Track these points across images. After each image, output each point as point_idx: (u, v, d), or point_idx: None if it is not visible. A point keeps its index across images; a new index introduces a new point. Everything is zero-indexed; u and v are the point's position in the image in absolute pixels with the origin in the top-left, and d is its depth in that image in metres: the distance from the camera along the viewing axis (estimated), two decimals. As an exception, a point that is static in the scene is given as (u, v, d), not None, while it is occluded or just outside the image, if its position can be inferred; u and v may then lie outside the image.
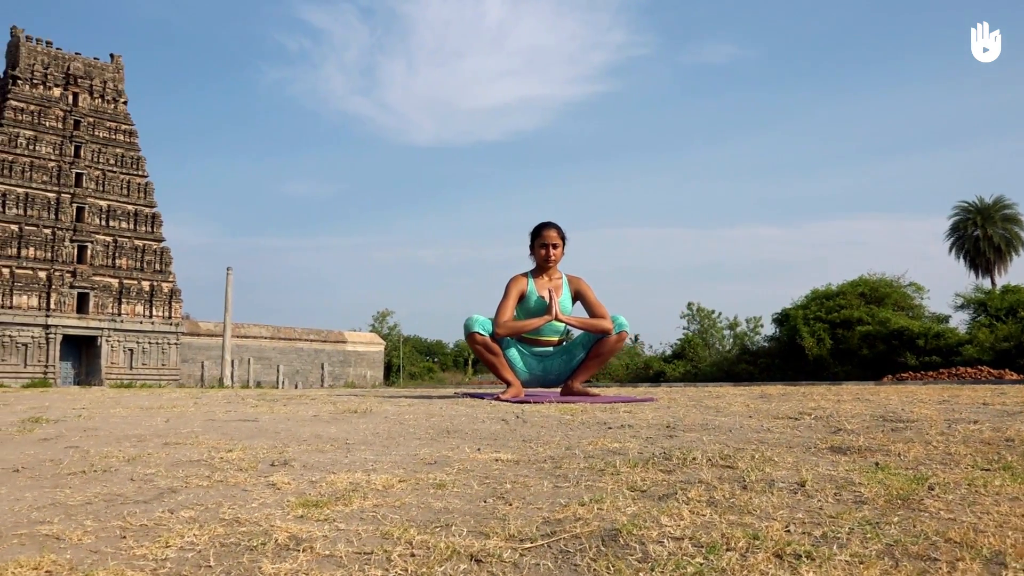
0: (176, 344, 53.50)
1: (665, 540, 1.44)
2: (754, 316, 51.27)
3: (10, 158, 49.14)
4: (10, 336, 47.33)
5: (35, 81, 51.70)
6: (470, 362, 78.99)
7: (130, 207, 53.23)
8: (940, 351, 29.59)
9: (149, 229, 53.93)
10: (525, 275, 5.14)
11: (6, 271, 47.76)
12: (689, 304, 53.82)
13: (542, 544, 1.44)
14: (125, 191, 53.15)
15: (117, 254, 51.84)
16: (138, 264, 52.65)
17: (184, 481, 1.97)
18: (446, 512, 1.66)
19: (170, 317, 53.41)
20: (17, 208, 48.94)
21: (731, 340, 50.11)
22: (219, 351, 44.77)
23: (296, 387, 50.20)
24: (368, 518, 1.61)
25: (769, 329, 42.88)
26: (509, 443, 2.63)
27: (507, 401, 4.47)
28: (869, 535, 1.46)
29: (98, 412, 4.06)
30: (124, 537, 1.48)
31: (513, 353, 5.03)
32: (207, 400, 5.20)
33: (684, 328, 51.71)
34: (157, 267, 53.58)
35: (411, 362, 69.96)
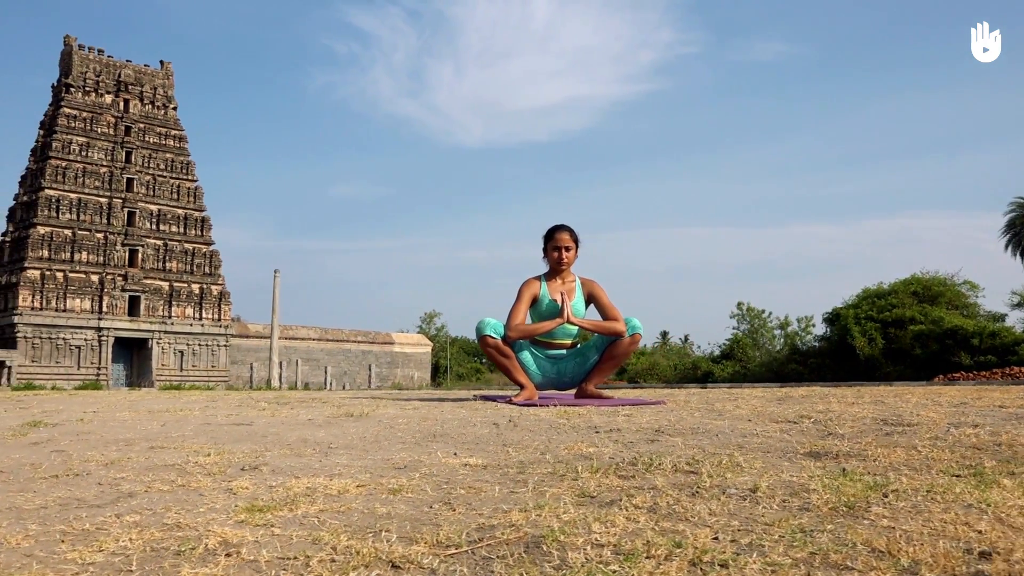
0: (225, 346, 54.40)
1: (588, 547, 1.43)
2: (805, 316, 50.61)
3: (64, 164, 50.39)
4: (64, 339, 48.54)
5: (87, 88, 52.94)
6: (515, 362, 79.17)
7: (180, 211, 54.24)
8: (995, 350, 28.94)
9: (198, 232, 54.90)
10: (538, 278, 5.14)
11: (60, 275, 48.97)
12: (739, 304, 53.25)
13: (466, 551, 1.44)
14: (175, 195, 54.18)
15: (167, 257, 52.87)
16: (188, 267, 53.64)
17: (147, 485, 2.01)
18: (387, 518, 1.67)
19: (219, 319, 54.32)
20: (71, 213, 50.16)
21: (782, 340, 49.52)
22: (268, 353, 45.41)
23: (344, 388, 50.74)
24: (308, 523, 1.63)
25: (820, 329, 42.32)
26: (488, 447, 2.63)
27: (519, 404, 4.47)
28: (796, 543, 1.44)
29: (104, 415, 4.16)
30: (62, 541, 1.51)
31: (526, 356, 5.04)
32: (220, 403, 5.29)
33: (734, 328, 51.22)
34: (206, 270, 54.52)
35: (458, 363, 70.25)
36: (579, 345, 5.18)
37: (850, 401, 4.64)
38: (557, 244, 5.07)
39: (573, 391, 5.17)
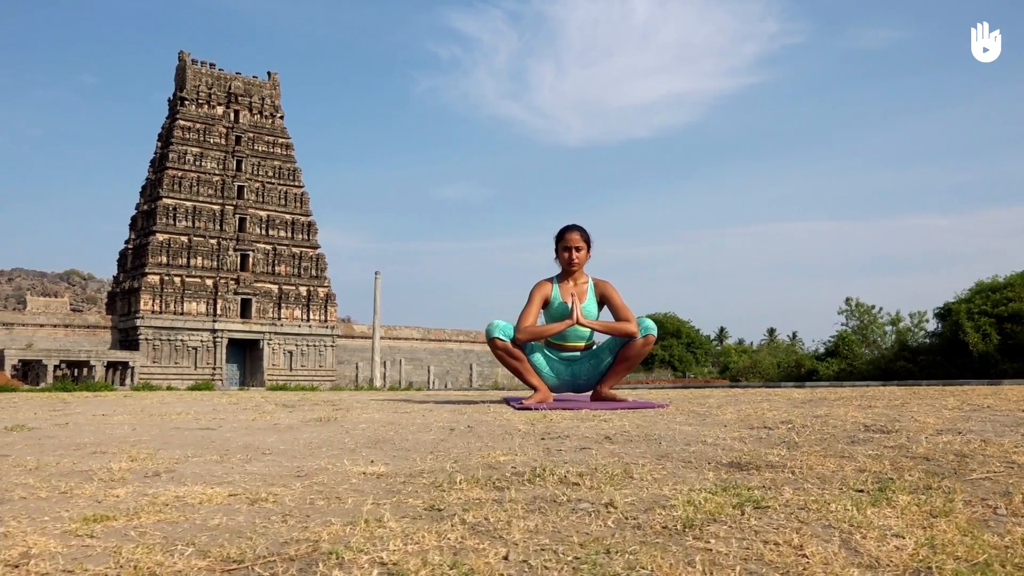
0: (332, 346, 55.93)
1: (366, 565, 1.39)
2: (918, 311, 48.43)
3: (179, 174, 52.78)
4: (182, 340, 50.86)
5: (200, 101, 55.29)
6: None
7: (288, 216, 56.06)
8: (1124, 346, 27.01)
9: (305, 237, 56.62)
10: (550, 280, 5.06)
11: (177, 280, 51.33)
12: (847, 299, 51.32)
13: (246, 567, 1.42)
14: (283, 201, 56.02)
15: (276, 261, 54.72)
16: (296, 270, 55.39)
17: (32, 491, 2.06)
18: (211, 530, 1.66)
19: (326, 320, 55.90)
20: (186, 221, 52.50)
21: (893, 337, 47.57)
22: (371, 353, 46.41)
23: (446, 387, 51.41)
24: (128, 535, 1.63)
25: (933, 324, 40.37)
26: (412, 455, 2.60)
27: (530, 408, 4.41)
28: (584, 565, 1.36)
29: (97, 418, 4.31)
30: None
31: (538, 358, 4.96)
32: (224, 405, 5.42)
33: (842, 325, 49.45)
34: (313, 273, 56.18)
35: (559, 361, 70.16)
36: (594, 347, 5.08)
37: (866, 404, 4.41)
38: (567, 244, 4.98)
39: (589, 393, 5.07)
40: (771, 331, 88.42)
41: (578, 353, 5.04)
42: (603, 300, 5.01)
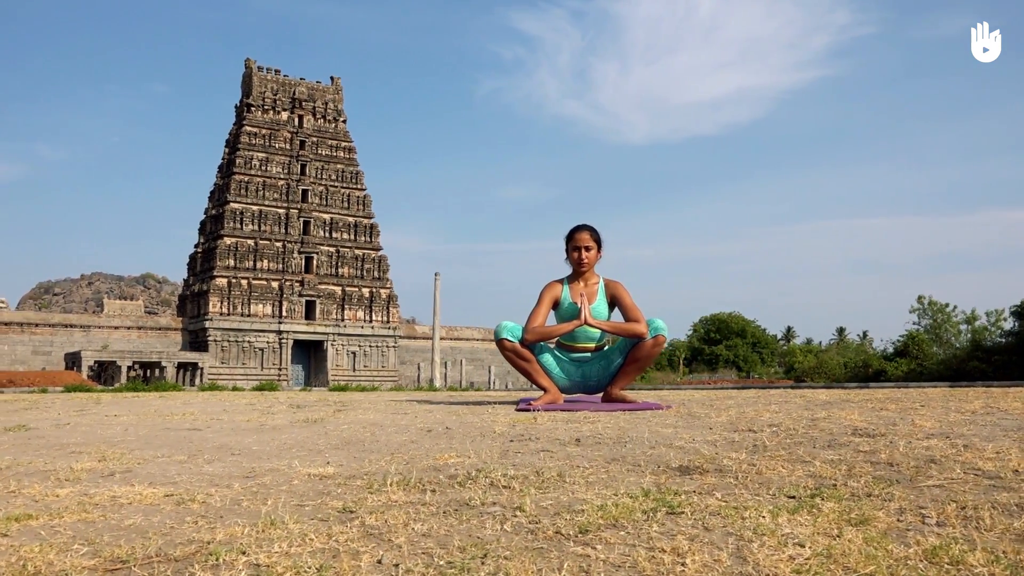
0: (394, 347, 56.52)
1: (238, 566, 1.40)
2: (995, 309, 46.85)
3: (246, 179, 53.93)
4: (248, 341, 51.96)
5: (265, 107, 56.43)
6: (681, 361, 77.68)
7: (350, 219, 56.85)
8: None
9: (367, 239, 57.34)
10: (560, 281, 5.02)
11: (244, 282, 52.45)
12: (919, 297, 49.97)
13: (128, 567, 1.44)
14: (346, 204, 56.83)
15: (340, 263, 55.53)
16: (358, 272, 56.14)
17: (-17, 490, 2.13)
18: (120, 530, 1.68)
19: (388, 321, 56.52)
20: (253, 224, 53.62)
21: (968, 336, 46.10)
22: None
23: (506, 387, 51.49)
24: (39, 535, 1.66)
25: (1011, 323, 39.02)
26: (371, 456, 2.61)
27: (539, 409, 4.38)
28: (449, 569, 1.35)
29: (105, 418, 4.42)
30: None
31: (548, 359, 4.93)
32: (239, 406, 5.50)
33: (914, 324, 48.13)
34: (375, 274, 56.87)
35: (622, 362, 69.59)
36: (605, 348, 5.03)
37: (879, 407, 4.28)
38: (577, 244, 4.93)
39: (601, 395, 5.02)
40: (840, 330, 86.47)
41: (589, 354, 4.99)
42: (614, 301, 4.95)
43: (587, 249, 4.93)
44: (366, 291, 56.21)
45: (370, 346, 55.72)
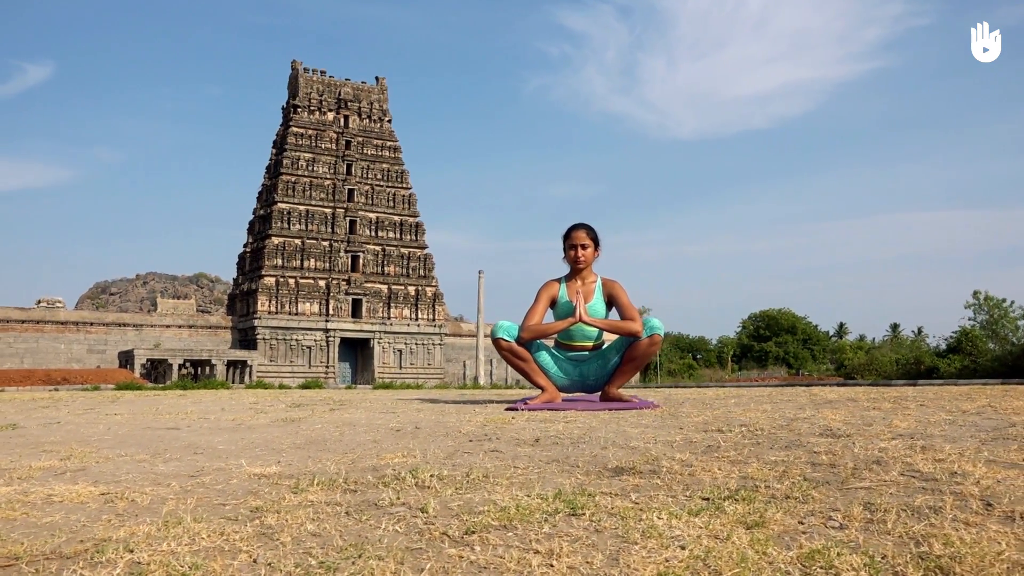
0: (440, 345, 56.86)
1: (119, 564, 1.43)
2: (1056, 304, 45.54)
3: (293, 179, 54.66)
4: (296, 340, 52.68)
5: (312, 108, 57.12)
6: (730, 358, 76.87)
7: (396, 218, 57.30)
8: None
9: (413, 237, 57.74)
10: (558, 280, 5.03)
11: (292, 281, 53.18)
12: (975, 293, 48.78)
13: (18, 564, 1.49)
14: (391, 203, 57.29)
15: (385, 262, 56.02)
16: (404, 270, 56.57)
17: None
18: (33, 527, 1.73)
19: (434, 319, 56.87)
20: (300, 224, 54.33)
21: (1027, 332, 44.89)
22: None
23: (551, 385, 51.41)
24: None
25: (1071, 319, 37.97)
26: (325, 455, 2.65)
27: (531, 408, 4.39)
28: (315, 570, 1.37)
29: (105, 417, 4.54)
30: None
31: (545, 357, 4.94)
32: (236, 406, 5.59)
33: (969, 320, 47.03)
34: (421, 272, 57.25)
35: (669, 359, 69.24)
36: (603, 346, 5.02)
37: (871, 406, 4.21)
38: (573, 242, 4.93)
39: (599, 394, 5.01)
40: (894, 327, 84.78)
41: (586, 353, 4.99)
42: (611, 299, 4.95)
43: (583, 247, 4.93)
44: (412, 289, 56.62)
45: (416, 344, 56.12)
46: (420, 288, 56.94)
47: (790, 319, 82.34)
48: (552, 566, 1.40)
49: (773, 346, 79.86)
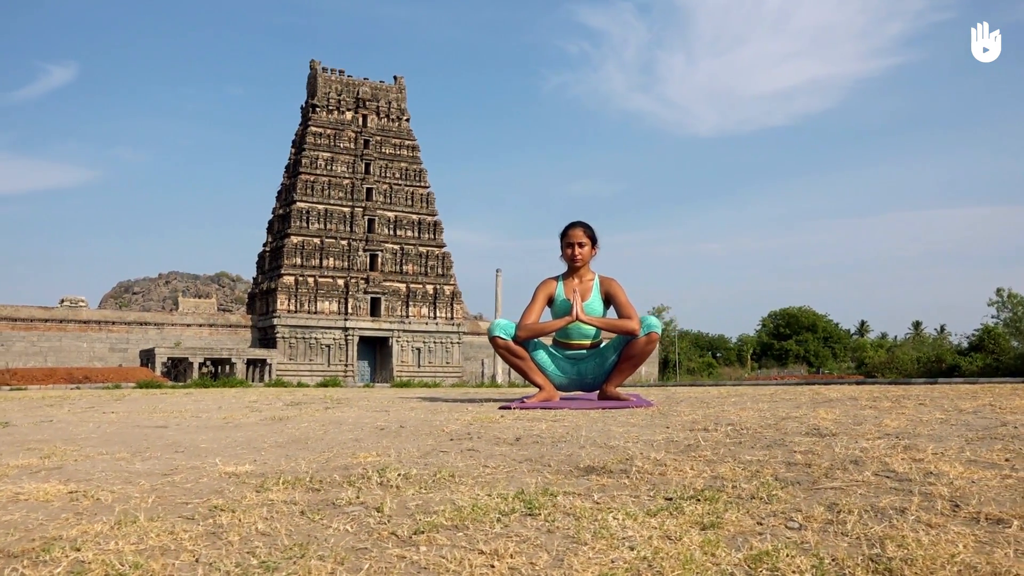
0: (458, 343, 56.92)
1: (62, 563, 1.43)
2: (1081, 302, 45.02)
3: (311, 178, 54.89)
4: (315, 338, 52.92)
5: (330, 107, 57.33)
6: (749, 356, 76.43)
7: (414, 216, 57.41)
8: None
9: (431, 236, 57.83)
10: (556, 278, 5.00)
11: (311, 280, 53.41)
12: (998, 290, 48.27)
13: (-39, 563, 1.49)
14: (409, 202, 57.41)
15: (404, 261, 56.14)
16: (422, 269, 56.67)
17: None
18: (-7, 526, 1.75)
19: (452, 318, 56.94)
20: (319, 223, 54.55)
21: (1052, 330, 44.36)
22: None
23: (569, 383, 51.36)
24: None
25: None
26: (302, 454, 2.64)
27: (533, 407, 4.37)
28: (255, 570, 1.36)
29: (103, 415, 4.56)
30: None
31: (542, 356, 4.91)
32: (235, 404, 5.60)
33: (992, 317, 46.54)
34: (439, 271, 57.33)
35: (688, 357, 68.96)
36: (601, 345, 4.99)
37: (868, 405, 4.16)
38: (570, 240, 4.91)
39: (596, 392, 4.98)
40: (916, 324, 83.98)
41: (584, 351, 4.97)
42: (608, 297, 4.92)
43: (580, 245, 4.90)
44: (430, 288, 56.72)
45: (434, 342, 56.22)
46: (438, 287, 57.02)
47: (810, 317, 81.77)
48: (493, 567, 1.38)
49: (793, 344, 79.36)
